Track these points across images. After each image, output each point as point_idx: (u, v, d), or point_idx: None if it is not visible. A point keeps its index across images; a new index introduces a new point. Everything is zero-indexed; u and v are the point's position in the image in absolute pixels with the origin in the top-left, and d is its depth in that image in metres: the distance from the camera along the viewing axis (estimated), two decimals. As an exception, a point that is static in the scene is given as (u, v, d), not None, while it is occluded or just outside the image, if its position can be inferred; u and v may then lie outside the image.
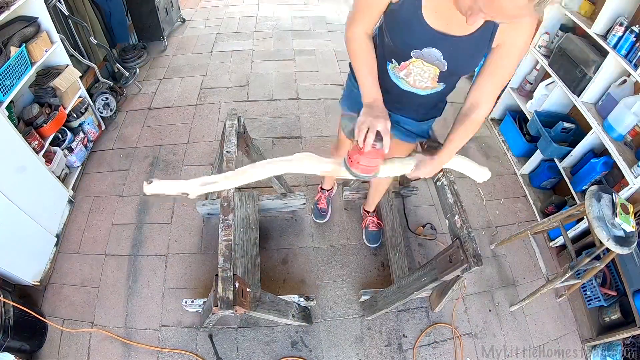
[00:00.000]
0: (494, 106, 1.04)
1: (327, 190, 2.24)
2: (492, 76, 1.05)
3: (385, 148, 1.00)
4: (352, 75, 1.36)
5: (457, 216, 1.30)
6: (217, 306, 1.14)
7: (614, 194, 1.60)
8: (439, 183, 1.45)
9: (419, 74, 1.11)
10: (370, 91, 1.08)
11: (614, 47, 1.92)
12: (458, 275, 1.30)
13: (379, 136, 0.98)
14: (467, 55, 1.02)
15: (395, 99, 1.22)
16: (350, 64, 1.23)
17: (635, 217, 1.62)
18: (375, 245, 2.14)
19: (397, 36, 1.04)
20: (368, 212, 2.18)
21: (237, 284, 1.19)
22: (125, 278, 1.97)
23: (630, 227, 1.51)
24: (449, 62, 1.03)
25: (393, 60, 1.12)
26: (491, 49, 1.00)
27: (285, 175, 2.16)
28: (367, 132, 0.97)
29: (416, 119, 1.35)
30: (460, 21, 0.89)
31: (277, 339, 1.81)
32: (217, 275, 1.19)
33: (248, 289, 1.27)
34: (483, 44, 0.99)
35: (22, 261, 1.79)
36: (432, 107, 1.32)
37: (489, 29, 0.95)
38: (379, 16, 1.07)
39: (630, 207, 1.59)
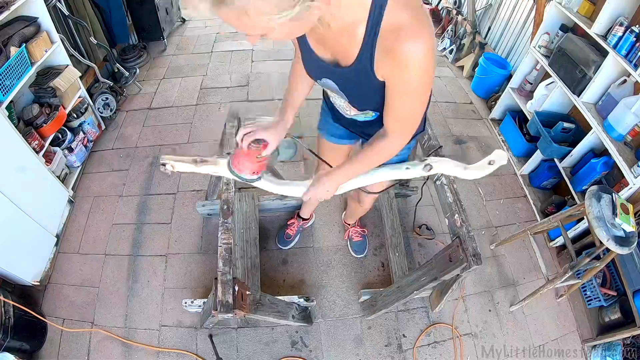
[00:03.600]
0: (409, 141, 0.92)
1: (303, 220, 2.14)
2: (391, 112, 0.90)
3: (264, 154, 1.07)
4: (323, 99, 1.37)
5: (456, 215, 1.30)
6: (216, 310, 1.14)
7: (613, 194, 1.60)
8: (438, 182, 1.44)
9: (339, 104, 1.10)
10: (284, 110, 1.18)
11: (614, 47, 1.92)
12: (458, 275, 1.30)
13: (261, 142, 1.07)
14: (358, 87, 0.90)
15: (347, 123, 1.23)
16: None
17: (635, 217, 1.62)
18: (361, 256, 2.10)
19: (304, 64, 1.02)
20: (349, 224, 2.13)
21: (236, 288, 1.19)
22: (125, 278, 1.97)
23: (630, 227, 1.51)
24: (345, 93, 0.95)
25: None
26: (383, 81, 0.84)
27: (286, 175, 2.16)
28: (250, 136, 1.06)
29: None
30: (338, 50, 0.85)
31: (277, 339, 1.81)
32: (216, 278, 1.19)
33: (248, 292, 1.27)
34: (367, 76, 0.83)
35: (22, 261, 1.79)
36: (362, 130, 1.24)
37: (366, 59, 0.80)
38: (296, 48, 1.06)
39: (630, 207, 1.59)
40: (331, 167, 1.20)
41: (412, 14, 0.71)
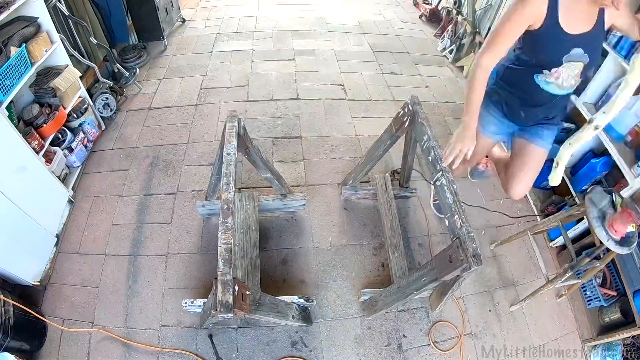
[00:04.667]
0: None
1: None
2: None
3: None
4: (490, 101, 1.59)
5: (456, 216, 1.30)
6: (216, 310, 1.14)
7: (614, 194, 1.59)
8: (438, 183, 1.44)
9: (568, 74, 1.33)
10: (471, 117, 1.39)
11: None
12: (458, 275, 1.30)
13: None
14: (598, 44, 1.30)
15: (540, 106, 1.48)
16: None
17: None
18: (477, 180, 2.25)
19: (546, 54, 1.29)
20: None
21: (236, 287, 1.19)
22: (125, 278, 1.97)
23: (630, 228, 1.50)
24: (589, 54, 1.28)
25: (543, 71, 1.34)
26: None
27: (285, 176, 2.17)
28: None
29: (552, 122, 1.60)
30: (585, 19, 1.21)
31: (277, 339, 1.81)
32: (216, 278, 1.19)
33: (248, 292, 1.27)
34: (602, 32, 1.26)
35: (22, 261, 1.79)
36: (563, 107, 1.60)
37: (601, 20, 1.23)
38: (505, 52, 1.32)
39: None
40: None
41: None
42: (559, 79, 1.35)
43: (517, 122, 1.62)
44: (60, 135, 2.25)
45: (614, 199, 1.57)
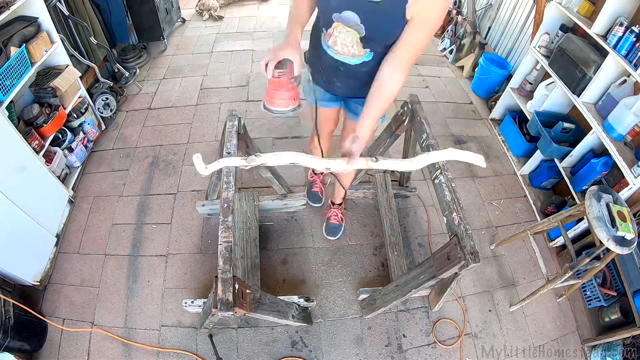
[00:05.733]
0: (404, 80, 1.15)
1: (321, 174, 2.27)
2: (405, 49, 1.07)
3: (296, 71, 1.07)
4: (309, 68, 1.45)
5: (454, 213, 1.30)
6: (216, 308, 1.14)
7: (610, 204, 1.58)
8: (436, 181, 1.44)
9: (343, 40, 1.17)
10: (291, 29, 1.16)
11: (614, 47, 1.92)
12: (456, 273, 1.30)
13: (286, 67, 1.05)
14: (383, 21, 1.05)
15: (332, 73, 1.32)
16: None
17: (635, 217, 1.62)
18: (333, 238, 2.16)
19: (319, 2, 1.14)
20: (333, 204, 2.19)
21: (236, 286, 1.19)
22: (125, 278, 1.97)
23: (631, 235, 1.50)
24: (366, 26, 1.08)
25: (323, 28, 1.21)
26: (406, 21, 1.03)
27: (285, 175, 2.17)
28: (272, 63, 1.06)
29: (359, 95, 1.32)
30: None
31: (277, 339, 1.81)
32: (216, 276, 1.19)
33: (248, 291, 1.27)
34: (397, 13, 1.01)
35: (22, 261, 1.79)
36: (367, 81, 1.22)
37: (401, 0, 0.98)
38: None
39: (625, 212, 1.57)
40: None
41: None
42: (337, 45, 1.19)
43: (331, 92, 1.46)
44: (60, 135, 2.25)
45: (611, 209, 1.56)
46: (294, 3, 1.20)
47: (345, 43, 1.17)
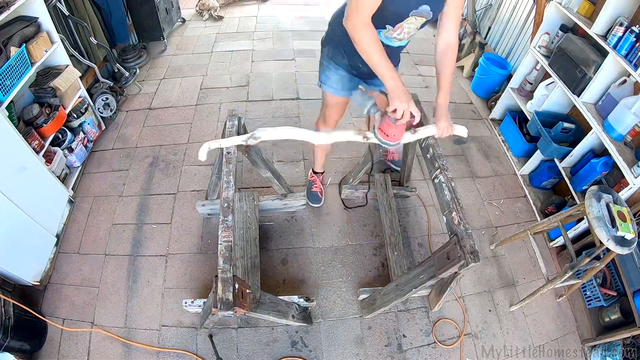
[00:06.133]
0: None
1: (321, 174, 2.30)
2: (456, 8, 1.32)
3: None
4: (331, 58, 1.58)
5: (454, 213, 1.30)
6: (216, 307, 1.14)
7: (610, 204, 1.58)
8: (436, 180, 1.45)
9: (409, 28, 1.32)
10: (393, 74, 1.23)
11: (614, 47, 1.92)
12: (456, 272, 1.30)
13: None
14: (441, 3, 1.28)
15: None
16: (325, 45, 1.58)
17: (635, 217, 1.62)
18: (317, 205, 2.27)
19: (397, 6, 1.22)
20: (316, 172, 2.27)
21: (236, 285, 1.19)
22: (125, 278, 1.97)
23: (631, 235, 1.50)
24: (433, 11, 1.26)
25: (386, 26, 1.31)
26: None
27: (285, 175, 2.17)
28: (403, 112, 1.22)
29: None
30: None
31: (277, 339, 1.81)
32: (216, 276, 1.19)
33: (248, 290, 1.27)
34: None
35: (22, 261, 1.79)
36: (398, 58, 1.59)
37: None
38: (377, 4, 1.20)
39: (625, 212, 1.57)
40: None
41: None
42: (401, 34, 1.35)
43: (360, 76, 1.62)
44: (60, 135, 2.25)
45: (611, 209, 1.56)
46: (372, 45, 1.22)
47: (410, 30, 1.34)
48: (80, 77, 2.38)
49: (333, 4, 4.78)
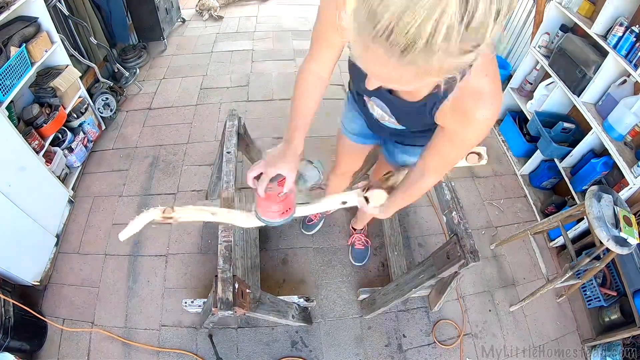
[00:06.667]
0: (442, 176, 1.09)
1: (361, 231, 2.12)
2: (436, 155, 0.90)
3: (286, 189, 0.91)
4: (350, 91, 1.29)
5: (454, 212, 1.31)
6: (216, 307, 1.14)
7: (615, 208, 1.58)
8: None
9: (379, 112, 1.05)
10: (291, 135, 0.97)
11: (614, 47, 1.92)
12: (456, 272, 1.30)
13: (279, 180, 0.91)
14: (412, 118, 0.92)
15: (377, 129, 1.19)
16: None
17: (635, 217, 1.62)
18: (360, 264, 2.07)
19: (352, 76, 0.99)
20: (355, 229, 2.12)
21: (236, 285, 1.19)
22: (125, 278, 1.97)
23: (635, 240, 1.50)
24: (397, 118, 0.97)
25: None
26: (437, 125, 0.85)
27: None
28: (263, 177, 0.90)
29: (403, 143, 1.25)
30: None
31: (277, 339, 1.81)
32: (216, 276, 1.19)
33: (248, 290, 1.27)
34: (426, 115, 0.83)
35: (22, 261, 1.79)
36: (409, 136, 1.15)
37: (431, 104, 0.80)
38: (334, 56, 0.96)
39: (632, 218, 1.57)
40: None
41: (494, 81, 0.70)
42: (375, 112, 1.07)
43: (370, 128, 1.29)
44: (60, 135, 2.25)
45: (616, 212, 1.56)
46: (297, 103, 1.02)
47: (382, 116, 1.06)
48: (80, 77, 2.38)
49: (333, 4, 4.79)
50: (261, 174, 0.90)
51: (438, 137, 0.85)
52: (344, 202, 1.12)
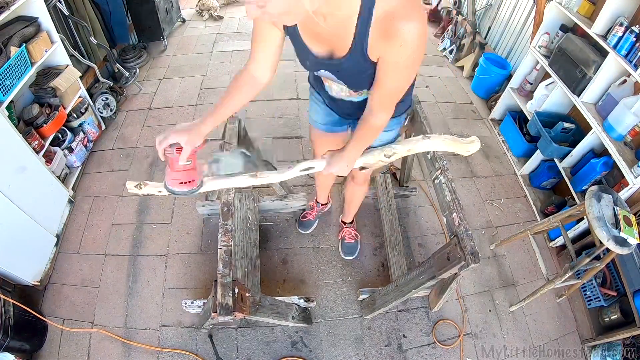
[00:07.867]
0: (392, 113, 1.06)
1: (322, 205, 2.19)
2: (378, 88, 0.97)
3: (181, 160, 1.01)
4: (311, 88, 1.42)
5: (454, 214, 1.30)
6: (216, 312, 1.14)
7: (615, 208, 1.58)
8: (436, 181, 1.44)
9: (337, 88, 1.15)
10: (204, 118, 1.05)
11: (614, 47, 1.92)
12: (456, 273, 1.30)
13: (177, 147, 0.99)
14: (354, 73, 0.97)
15: (336, 104, 1.28)
16: None
17: (635, 217, 1.62)
18: (350, 258, 2.09)
19: (299, 59, 1.08)
20: (345, 223, 2.13)
21: (236, 290, 1.19)
22: (125, 278, 1.97)
23: (635, 240, 1.50)
24: (343, 81, 1.04)
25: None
26: (375, 62, 0.91)
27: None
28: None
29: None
30: (333, 44, 0.93)
31: (277, 339, 1.81)
32: (216, 281, 1.19)
33: (247, 294, 1.27)
34: (363, 61, 0.91)
35: (22, 261, 1.79)
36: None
37: (359, 46, 0.87)
38: (271, 54, 1.10)
39: (632, 218, 1.57)
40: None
41: (407, 1, 0.79)
42: (332, 91, 1.19)
43: (335, 111, 1.38)
44: (60, 135, 2.25)
45: (617, 212, 1.56)
46: (226, 95, 1.09)
47: (339, 91, 1.17)
48: (80, 77, 2.38)
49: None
50: (163, 138, 0.99)
51: (378, 73, 0.93)
52: (311, 168, 1.21)
